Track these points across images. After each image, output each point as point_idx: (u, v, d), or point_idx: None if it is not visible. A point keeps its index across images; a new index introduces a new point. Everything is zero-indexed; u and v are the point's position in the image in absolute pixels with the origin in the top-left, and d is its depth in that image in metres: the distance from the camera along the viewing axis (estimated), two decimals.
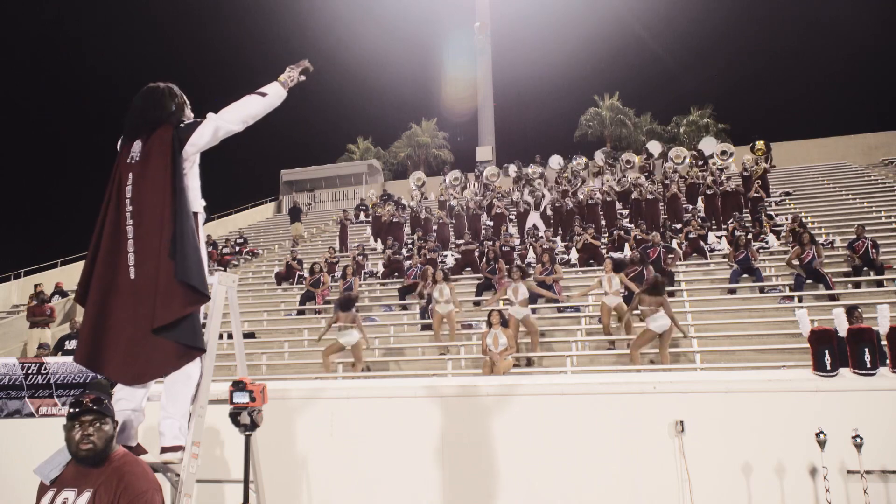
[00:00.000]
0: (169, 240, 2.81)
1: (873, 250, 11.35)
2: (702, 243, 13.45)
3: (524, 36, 46.85)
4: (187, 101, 3.16)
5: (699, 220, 14.23)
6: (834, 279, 10.99)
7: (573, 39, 42.49)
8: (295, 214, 22.70)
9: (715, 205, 15.60)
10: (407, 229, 18.53)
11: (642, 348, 8.86)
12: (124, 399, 2.95)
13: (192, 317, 2.85)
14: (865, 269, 11.33)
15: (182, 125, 3.00)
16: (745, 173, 17.59)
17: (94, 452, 2.36)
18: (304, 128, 62.57)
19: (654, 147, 23.48)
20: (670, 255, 12.36)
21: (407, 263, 14.52)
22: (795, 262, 11.04)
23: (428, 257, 14.12)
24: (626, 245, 13.71)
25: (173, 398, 2.93)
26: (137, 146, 3.01)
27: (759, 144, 22.14)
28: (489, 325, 8.81)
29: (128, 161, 2.99)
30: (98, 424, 2.38)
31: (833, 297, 10.49)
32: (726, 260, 12.55)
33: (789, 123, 51.13)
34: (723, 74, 60.38)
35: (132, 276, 2.86)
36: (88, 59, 51.02)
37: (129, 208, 2.92)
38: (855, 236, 11.77)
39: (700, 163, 21.34)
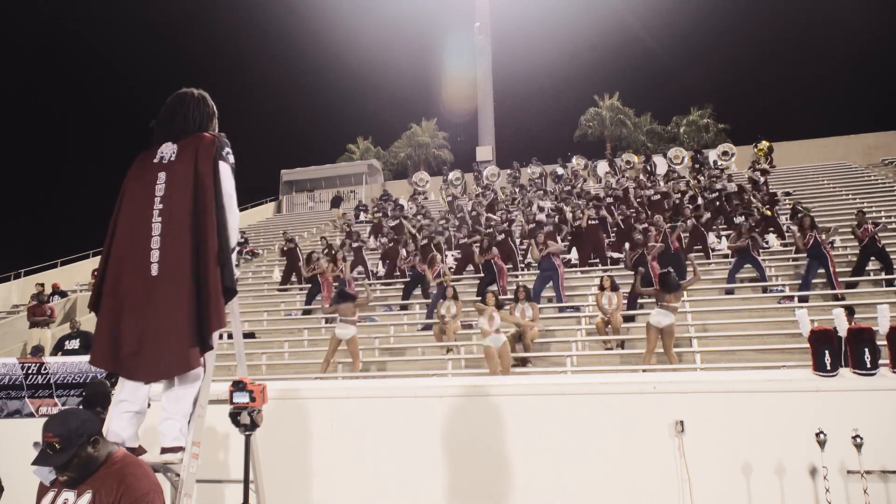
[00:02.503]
0: (217, 246, 2.86)
1: (878, 235, 11.17)
2: (703, 230, 13.38)
3: (524, 36, 46.82)
4: (215, 113, 3.20)
5: (700, 211, 14.15)
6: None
7: (573, 39, 42.51)
8: (336, 202, 24.72)
9: (721, 206, 15.54)
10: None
11: (654, 350, 8.84)
12: (127, 401, 2.92)
13: None
14: (873, 258, 11.24)
15: (225, 153, 3.02)
16: (755, 179, 17.45)
17: (72, 481, 2.34)
18: (304, 128, 62.63)
19: (660, 165, 22.66)
20: (677, 234, 12.40)
21: (403, 252, 14.48)
22: (802, 247, 11.03)
23: (424, 243, 14.17)
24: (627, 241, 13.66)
25: (176, 399, 2.92)
26: (169, 148, 3.01)
27: (762, 144, 21.76)
28: (516, 300, 9.88)
29: (155, 161, 2.99)
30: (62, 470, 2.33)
31: (837, 297, 10.48)
32: (726, 259, 12.55)
33: (789, 123, 51.17)
34: (723, 74, 60.49)
35: (154, 272, 2.84)
36: (89, 58, 51.06)
37: (160, 206, 2.90)
38: (857, 223, 11.60)
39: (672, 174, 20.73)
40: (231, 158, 3.05)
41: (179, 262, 2.82)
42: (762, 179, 17.35)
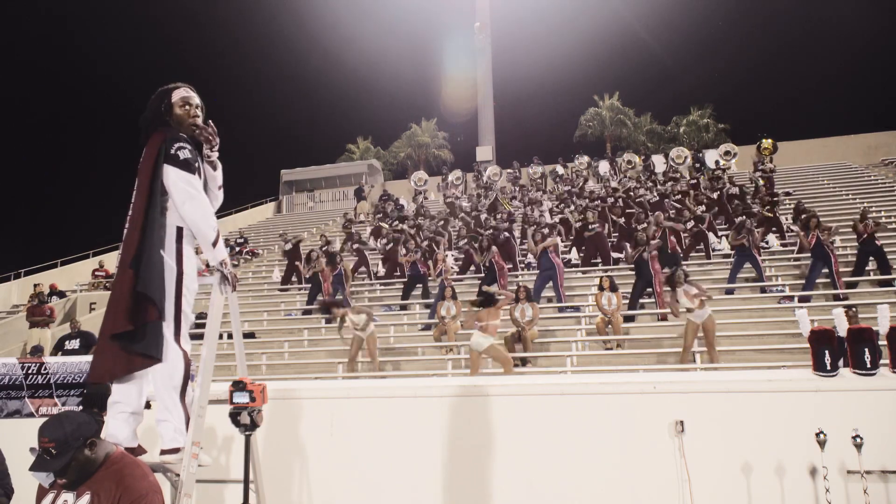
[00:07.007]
0: (135, 249, 2.87)
1: (877, 234, 11.16)
2: (703, 230, 13.35)
3: (524, 36, 46.82)
4: (176, 103, 3.11)
5: (700, 212, 14.14)
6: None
7: (573, 39, 42.42)
8: (359, 194, 25.13)
9: (723, 206, 15.53)
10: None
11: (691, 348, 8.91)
12: (120, 402, 2.96)
13: (148, 326, 2.85)
14: (871, 258, 11.23)
15: (173, 151, 2.96)
16: (757, 178, 17.39)
17: (71, 483, 2.34)
18: (304, 128, 62.69)
19: (659, 164, 22.51)
20: (675, 233, 12.42)
21: (402, 249, 14.46)
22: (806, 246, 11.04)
23: (426, 244, 14.18)
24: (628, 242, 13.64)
25: (161, 401, 2.96)
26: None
27: (766, 143, 21.40)
28: (517, 300, 9.92)
29: (138, 166, 3.07)
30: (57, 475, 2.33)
31: (839, 297, 10.47)
32: (727, 260, 12.54)
33: (789, 123, 51.16)
34: (723, 74, 60.48)
35: (115, 278, 3.00)
36: (88, 59, 51.02)
37: (129, 213, 3.00)
38: (859, 217, 11.57)
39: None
40: (182, 154, 2.97)
41: (121, 265, 2.93)
42: (762, 182, 17.31)
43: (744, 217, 12.15)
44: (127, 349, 2.83)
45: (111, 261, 19.52)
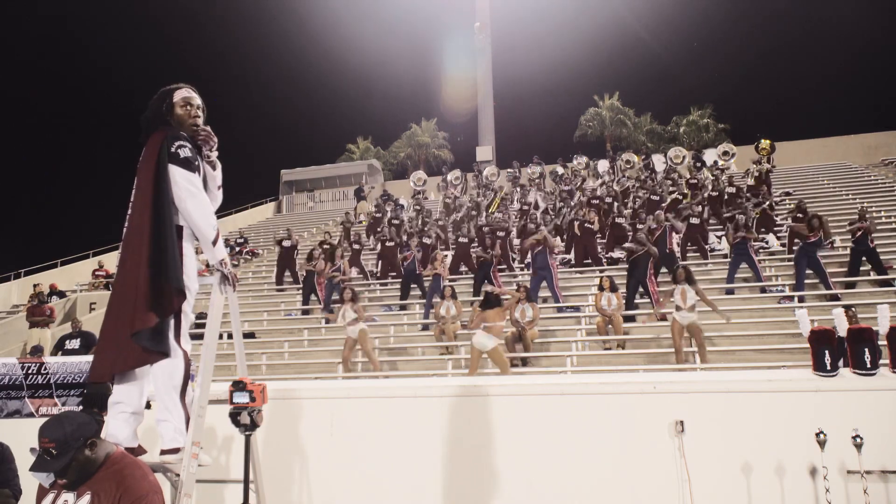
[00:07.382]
0: (149, 248, 2.88)
1: (870, 236, 11.13)
2: (699, 235, 13.37)
3: (524, 36, 46.85)
4: (178, 103, 3.12)
5: (697, 210, 14.13)
6: (834, 279, 10.95)
7: (573, 39, 42.45)
8: (358, 194, 25.26)
9: (715, 206, 15.54)
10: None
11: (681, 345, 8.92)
12: (122, 402, 2.96)
13: (161, 322, 2.90)
14: (864, 258, 11.24)
15: (174, 149, 2.97)
16: (751, 181, 17.37)
17: (71, 483, 2.34)
18: (304, 128, 62.73)
19: (658, 163, 22.42)
20: (676, 234, 12.39)
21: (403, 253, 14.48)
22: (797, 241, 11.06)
23: (426, 242, 14.20)
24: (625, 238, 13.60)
25: (161, 400, 2.96)
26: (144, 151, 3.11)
27: (764, 143, 21.41)
28: (517, 300, 9.87)
29: (137, 166, 3.08)
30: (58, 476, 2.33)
31: (835, 297, 10.47)
32: (725, 260, 12.54)
33: (789, 123, 51.27)
34: (723, 74, 60.51)
35: (115, 277, 3.03)
36: (89, 59, 51.02)
37: (129, 211, 3.01)
38: (857, 216, 11.54)
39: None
40: (183, 153, 2.98)
41: (122, 265, 2.97)
42: (755, 173, 17.25)
43: (743, 215, 12.16)
44: (139, 345, 2.83)
45: (111, 261, 19.51)
